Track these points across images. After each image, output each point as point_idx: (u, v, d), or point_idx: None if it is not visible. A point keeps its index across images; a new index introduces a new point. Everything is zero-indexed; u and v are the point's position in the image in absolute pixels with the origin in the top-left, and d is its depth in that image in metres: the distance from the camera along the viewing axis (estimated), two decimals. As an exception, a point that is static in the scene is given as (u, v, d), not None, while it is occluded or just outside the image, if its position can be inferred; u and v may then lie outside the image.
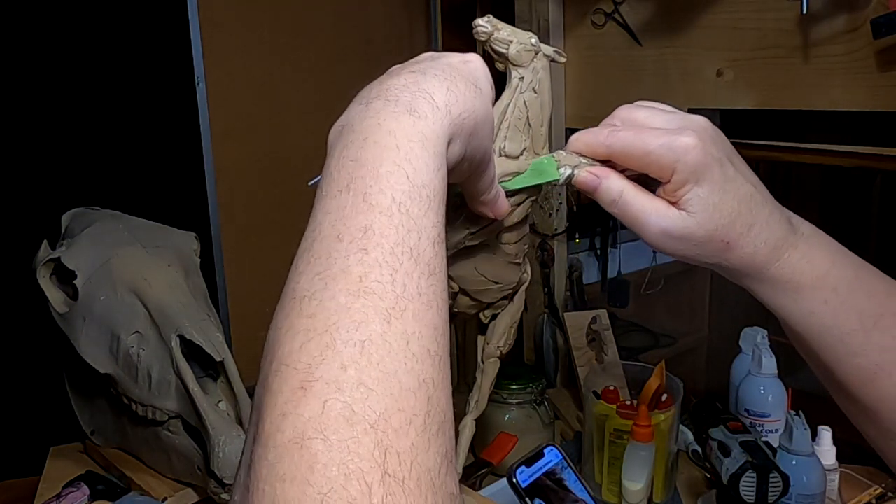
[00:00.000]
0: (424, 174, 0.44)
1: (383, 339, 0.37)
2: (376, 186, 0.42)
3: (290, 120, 1.46)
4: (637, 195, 0.58)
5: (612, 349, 1.39)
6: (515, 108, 0.68)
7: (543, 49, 0.69)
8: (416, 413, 0.36)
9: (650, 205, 0.57)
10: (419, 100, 0.46)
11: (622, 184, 0.59)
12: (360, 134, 0.45)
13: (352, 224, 0.41)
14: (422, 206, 0.43)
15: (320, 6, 1.47)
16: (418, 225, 0.42)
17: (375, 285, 0.39)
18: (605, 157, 0.60)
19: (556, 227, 1.48)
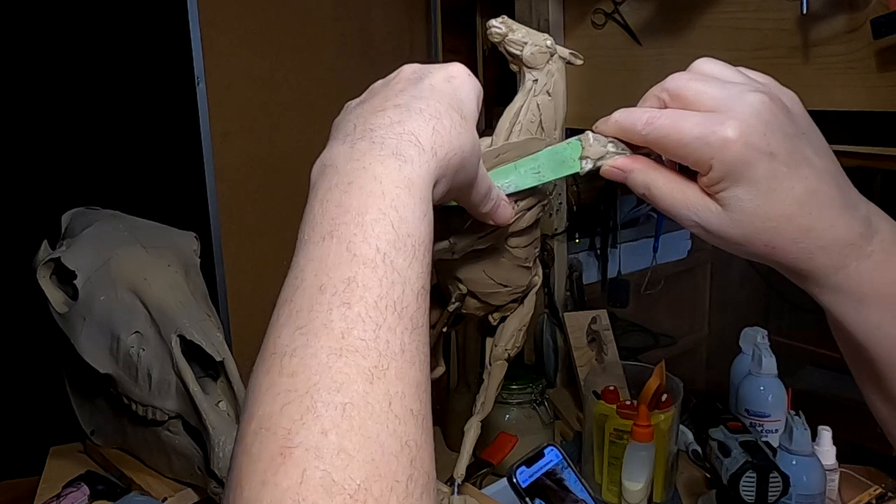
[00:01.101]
0: (410, 222, 0.42)
1: (365, 400, 0.36)
2: (360, 235, 0.41)
3: (290, 120, 1.46)
4: (667, 185, 0.52)
5: (612, 349, 1.39)
6: (528, 111, 0.68)
7: (559, 51, 0.69)
8: (397, 479, 0.35)
9: (682, 196, 0.51)
10: (405, 143, 0.45)
11: (649, 176, 0.53)
12: (344, 177, 0.44)
13: (335, 275, 0.40)
14: (406, 256, 0.41)
15: (320, 6, 1.46)
16: (402, 276, 0.41)
17: (358, 343, 0.38)
18: (640, 145, 0.55)
19: (556, 227, 1.48)
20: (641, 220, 1.88)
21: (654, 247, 1.65)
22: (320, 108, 1.48)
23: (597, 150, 0.56)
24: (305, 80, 1.47)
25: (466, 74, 0.52)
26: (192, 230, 1.11)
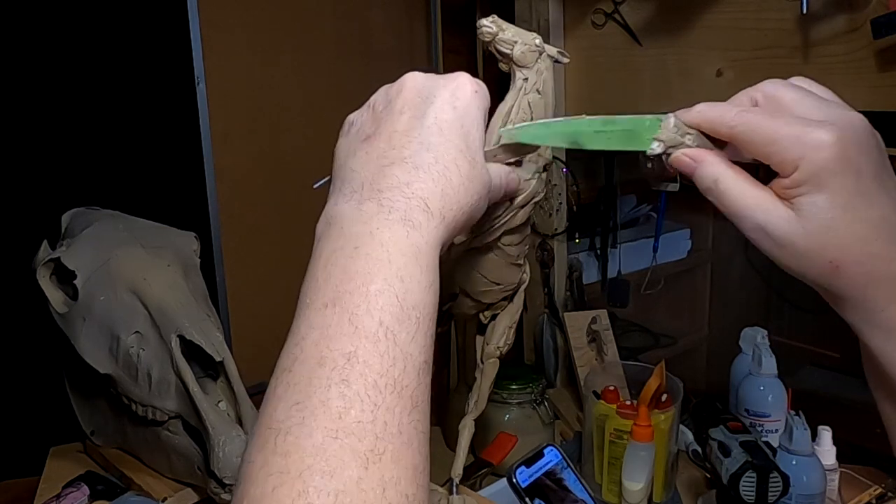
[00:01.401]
0: (416, 293, 0.41)
1: (359, 487, 0.35)
2: (364, 306, 0.40)
3: (290, 120, 1.46)
4: (737, 183, 0.49)
5: (612, 349, 1.39)
6: (519, 110, 0.68)
7: (547, 50, 0.69)
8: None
9: (752, 195, 0.48)
10: (413, 208, 0.43)
11: (720, 170, 0.50)
12: (350, 240, 0.42)
13: (335, 348, 0.39)
14: (410, 330, 0.40)
15: (320, 6, 1.46)
16: (404, 352, 0.40)
17: (355, 425, 0.37)
18: (725, 139, 0.51)
19: (556, 227, 1.48)
20: (641, 220, 1.88)
21: (654, 247, 1.65)
22: (320, 108, 1.48)
23: (673, 136, 0.52)
24: (305, 80, 1.47)
25: (472, 91, 0.50)
26: (192, 230, 1.11)
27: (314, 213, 1.61)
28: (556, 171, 1.45)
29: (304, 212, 1.48)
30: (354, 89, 1.55)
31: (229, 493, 0.88)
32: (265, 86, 1.42)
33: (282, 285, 1.49)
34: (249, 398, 0.94)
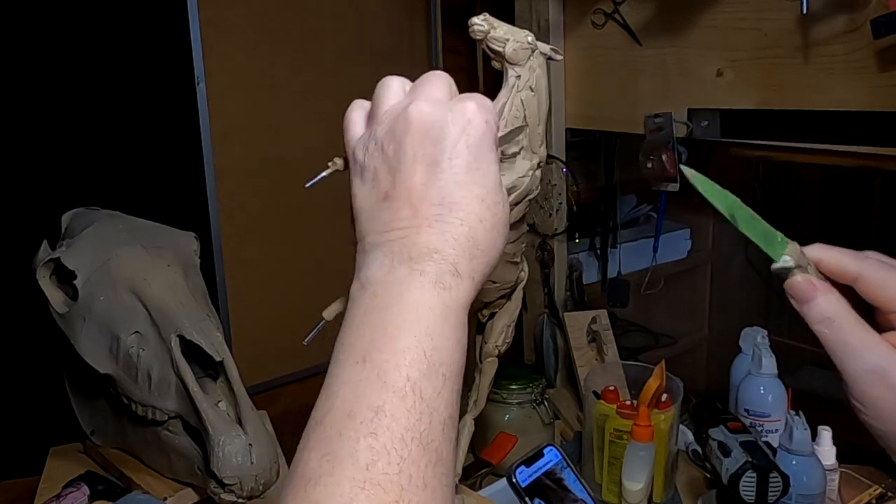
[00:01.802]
0: (443, 351, 0.43)
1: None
2: (392, 362, 0.41)
3: (290, 120, 1.46)
4: (857, 323, 0.49)
5: (612, 349, 1.39)
6: (512, 107, 0.68)
7: (540, 47, 0.69)
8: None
9: (871, 337, 0.48)
10: (444, 273, 0.45)
11: (838, 308, 0.49)
12: (381, 300, 0.44)
13: (364, 402, 0.40)
14: (436, 386, 0.42)
15: (320, 6, 1.47)
16: (430, 407, 0.41)
17: (381, 476, 0.38)
18: (848, 281, 0.51)
19: (556, 227, 1.48)
20: (641, 220, 1.88)
21: (654, 247, 1.65)
22: (320, 108, 1.48)
23: (801, 258, 0.53)
24: (305, 80, 1.47)
25: (483, 123, 0.48)
26: (192, 230, 1.11)
27: (314, 213, 1.61)
28: (557, 171, 1.45)
29: (304, 212, 1.49)
30: (354, 89, 1.55)
31: (229, 493, 0.88)
32: (265, 86, 1.42)
33: (282, 285, 1.49)
34: (249, 398, 0.94)
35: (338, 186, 1.71)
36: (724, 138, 1.17)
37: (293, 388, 1.55)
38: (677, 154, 1.22)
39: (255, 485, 0.88)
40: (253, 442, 0.88)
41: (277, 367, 1.51)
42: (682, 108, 1.21)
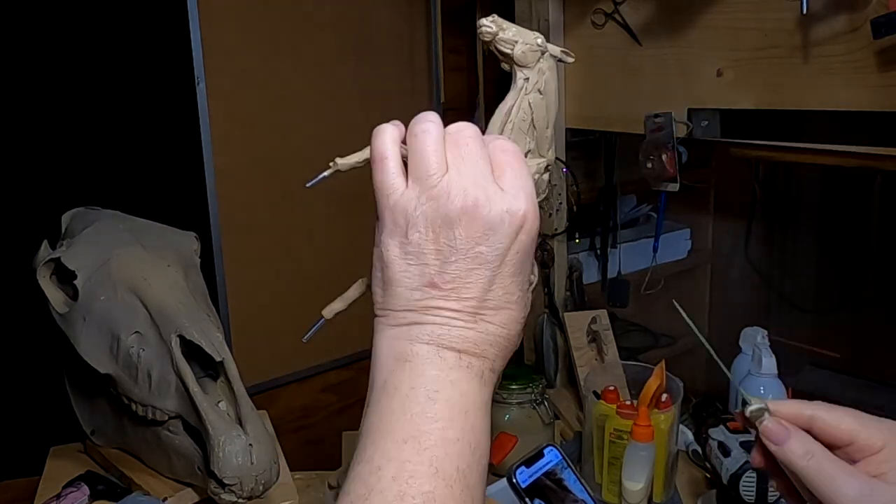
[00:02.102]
0: (483, 442, 0.46)
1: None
2: (443, 450, 0.44)
3: (290, 120, 1.46)
4: (832, 459, 0.53)
5: (612, 349, 1.39)
6: (520, 110, 0.67)
7: (550, 49, 0.69)
8: None
9: (845, 465, 0.52)
10: (486, 370, 0.48)
11: (813, 447, 0.53)
12: (430, 383, 0.46)
13: (415, 485, 0.42)
14: (477, 472, 0.45)
15: (320, 6, 1.46)
16: (472, 493, 0.44)
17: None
18: (804, 424, 0.55)
19: (556, 227, 1.48)
20: (641, 220, 1.88)
21: (654, 247, 1.65)
22: (320, 108, 1.48)
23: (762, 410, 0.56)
24: (305, 80, 1.47)
25: (535, 226, 0.48)
26: (192, 230, 1.11)
27: (314, 213, 1.61)
28: (557, 171, 1.45)
29: (305, 212, 1.49)
30: (354, 89, 1.56)
31: (229, 494, 0.88)
32: (265, 86, 1.42)
33: (282, 285, 1.49)
34: (249, 398, 0.94)
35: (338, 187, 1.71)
36: (724, 138, 1.17)
37: (293, 388, 1.55)
38: (677, 154, 1.22)
39: (255, 485, 0.88)
40: (253, 442, 0.88)
41: (277, 367, 1.51)
42: (682, 108, 1.21)
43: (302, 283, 1.48)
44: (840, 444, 0.54)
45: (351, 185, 1.65)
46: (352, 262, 0.66)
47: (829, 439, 0.54)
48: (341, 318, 0.66)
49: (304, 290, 1.48)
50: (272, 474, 0.90)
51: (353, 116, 1.52)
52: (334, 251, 1.52)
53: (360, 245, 1.75)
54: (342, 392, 1.62)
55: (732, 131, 1.16)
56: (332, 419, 1.61)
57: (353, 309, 0.65)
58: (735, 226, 1.85)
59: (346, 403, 1.64)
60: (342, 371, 1.62)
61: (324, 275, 1.48)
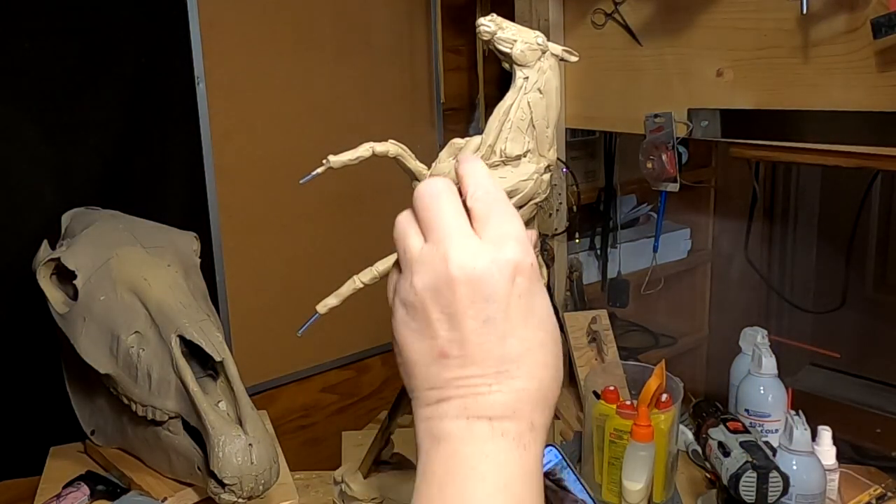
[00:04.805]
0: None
1: None
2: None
3: (290, 120, 1.46)
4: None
5: (612, 349, 1.39)
6: (518, 109, 0.67)
7: (551, 48, 0.68)
8: None
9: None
10: (524, 431, 0.45)
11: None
12: (465, 461, 0.44)
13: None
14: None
15: (320, 6, 1.46)
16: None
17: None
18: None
19: (556, 227, 1.48)
20: (641, 220, 1.88)
21: (654, 247, 1.65)
22: (320, 108, 1.48)
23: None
24: (305, 80, 1.47)
25: (529, 267, 0.46)
26: (192, 230, 1.11)
27: (314, 213, 1.61)
28: (556, 171, 1.45)
29: (305, 212, 1.49)
30: (354, 89, 1.56)
31: (229, 493, 0.88)
32: (265, 86, 1.42)
33: (282, 285, 1.49)
34: (249, 398, 0.94)
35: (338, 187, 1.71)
36: (724, 138, 1.17)
37: (293, 388, 1.55)
38: (677, 154, 1.22)
39: (255, 485, 0.88)
40: (253, 442, 0.88)
41: (277, 367, 1.51)
42: (682, 108, 1.21)
43: (302, 283, 1.48)
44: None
45: (351, 185, 1.65)
46: (352, 262, 0.65)
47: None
48: (341, 318, 0.66)
49: (304, 290, 1.47)
50: (272, 474, 0.90)
51: (353, 116, 1.52)
52: (334, 251, 1.52)
53: (360, 245, 1.76)
54: (342, 392, 1.62)
55: (732, 131, 1.16)
56: (332, 419, 1.61)
57: (352, 311, 0.65)
58: (735, 226, 1.85)
59: (346, 403, 1.64)
60: (342, 371, 1.61)
61: (323, 275, 1.48)
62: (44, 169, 1.20)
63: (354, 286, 0.65)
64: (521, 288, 0.45)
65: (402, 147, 0.66)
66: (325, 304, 0.65)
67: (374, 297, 0.61)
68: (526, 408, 0.45)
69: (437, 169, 0.68)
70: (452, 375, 0.45)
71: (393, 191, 1.50)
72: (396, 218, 0.49)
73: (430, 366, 0.46)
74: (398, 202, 0.53)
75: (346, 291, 0.65)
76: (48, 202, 1.18)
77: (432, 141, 1.66)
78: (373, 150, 0.64)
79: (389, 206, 0.50)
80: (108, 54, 1.24)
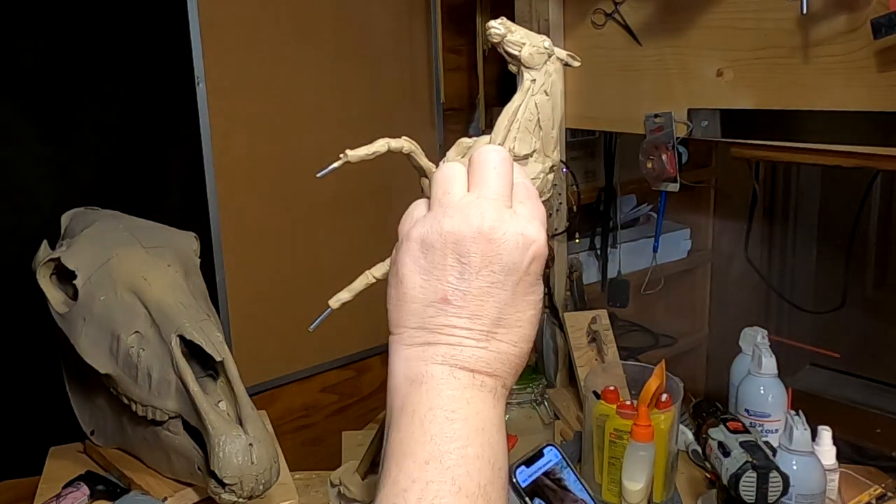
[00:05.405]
0: (500, 456, 0.47)
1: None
2: (464, 468, 0.45)
3: (290, 119, 1.46)
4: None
5: (612, 349, 1.39)
6: (526, 110, 0.68)
7: (556, 52, 0.70)
8: None
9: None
10: (498, 387, 0.48)
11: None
12: (447, 403, 0.46)
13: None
14: (498, 487, 0.46)
15: (320, 6, 1.46)
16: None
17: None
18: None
19: (556, 227, 1.48)
20: (641, 220, 1.88)
21: (654, 247, 1.65)
22: (320, 108, 1.48)
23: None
24: (305, 80, 1.47)
25: (545, 254, 0.50)
26: (192, 230, 1.11)
27: (314, 212, 1.60)
28: (557, 171, 1.45)
29: (305, 212, 1.49)
30: (354, 88, 1.56)
31: (229, 493, 0.88)
32: (265, 85, 1.42)
33: (282, 285, 1.49)
34: (249, 398, 0.94)
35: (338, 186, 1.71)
36: (724, 138, 1.17)
37: (293, 388, 1.55)
38: (677, 154, 1.22)
39: (255, 485, 0.88)
40: (253, 442, 0.88)
41: (277, 367, 1.51)
42: (682, 108, 1.21)
43: (302, 283, 1.48)
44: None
45: (352, 184, 1.65)
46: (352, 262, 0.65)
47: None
48: (341, 318, 0.66)
49: (305, 289, 1.48)
50: (272, 474, 0.90)
51: (353, 116, 1.52)
52: (334, 251, 1.52)
53: (361, 245, 1.76)
54: (342, 392, 1.62)
55: (732, 131, 1.16)
56: (332, 419, 1.61)
57: (352, 311, 0.65)
58: (735, 226, 1.85)
59: (346, 403, 1.64)
60: (342, 371, 1.61)
61: (324, 275, 1.48)
62: (44, 169, 1.20)
63: (367, 281, 0.65)
64: (534, 271, 0.49)
65: (415, 144, 0.67)
66: (337, 298, 0.66)
67: (374, 298, 0.61)
68: (504, 368, 0.49)
69: None
70: (446, 322, 0.48)
71: (393, 192, 1.50)
72: (446, 163, 0.52)
73: (427, 306, 0.48)
74: (398, 203, 0.54)
75: (359, 286, 0.66)
76: (48, 202, 1.18)
77: (432, 141, 1.66)
78: (388, 146, 0.65)
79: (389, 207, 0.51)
80: (108, 54, 1.24)
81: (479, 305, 0.48)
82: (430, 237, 0.48)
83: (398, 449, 0.46)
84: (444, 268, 0.48)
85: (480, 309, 0.48)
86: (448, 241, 0.48)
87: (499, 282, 0.48)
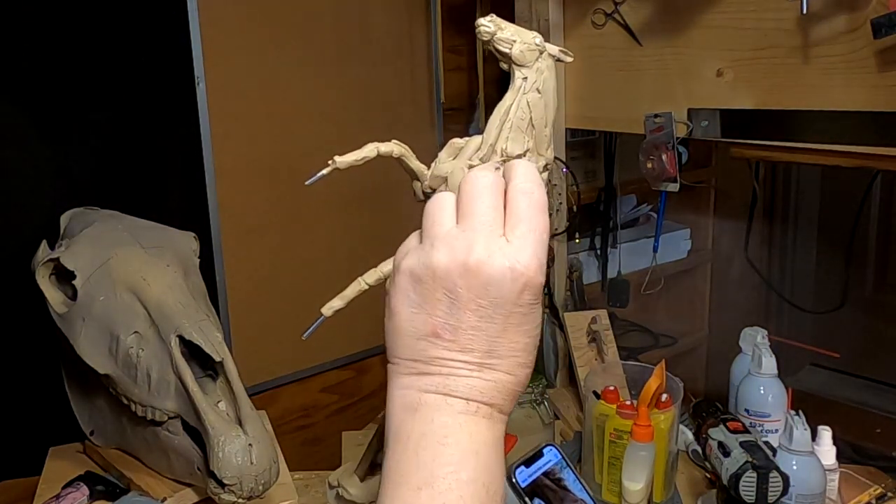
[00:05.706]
0: (497, 481, 0.47)
1: None
2: (456, 494, 0.44)
3: (290, 120, 1.46)
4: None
5: (612, 349, 1.39)
6: (518, 109, 0.68)
7: (548, 48, 0.69)
8: None
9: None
10: (494, 414, 0.48)
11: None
12: (439, 429, 0.46)
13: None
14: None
15: (320, 6, 1.46)
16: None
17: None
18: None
19: (556, 227, 1.48)
20: (641, 220, 1.88)
21: (654, 247, 1.65)
22: (320, 108, 1.48)
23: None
24: (305, 80, 1.46)
25: (539, 283, 0.48)
26: (192, 230, 1.11)
27: (314, 212, 1.60)
28: (557, 171, 1.45)
29: (305, 212, 1.49)
30: (354, 88, 1.56)
31: (229, 494, 0.88)
32: (265, 86, 1.42)
33: (282, 285, 1.49)
34: (249, 398, 0.94)
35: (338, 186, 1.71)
36: (724, 138, 1.17)
37: (293, 388, 1.55)
38: (677, 154, 1.22)
39: (254, 485, 0.88)
40: (253, 442, 0.88)
41: (277, 367, 1.51)
42: (682, 108, 1.21)
43: (302, 284, 1.48)
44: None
45: (351, 185, 1.65)
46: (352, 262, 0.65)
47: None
48: (341, 319, 0.66)
49: (304, 290, 1.48)
50: (272, 474, 0.90)
51: (353, 116, 1.52)
52: (334, 251, 1.52)
53: (360, 245, 1.76)
54: (342, 392, 1.62)
55: (732, 131, 1.16)
56: (332, 419, 1.61)
57: (352, 311, 0.65)
58: (735, 226, 1.85)
59: (346, 403, 1.64)
60: (342, 371, 1.61)
61: (324, 275, 1.48)
62: (43, 169, 1.20)
63: (360, 288, 0.65)
64: (526, 302, 0.47)
65: (405, 147, 0.66)
66: (330, 306, 0.65)
67: (374, 298, 0.61)
68: (500, 396, 0.48)
69: (438, 169, 0.68)
70: (438, 355, 0.47)
71: (392, 192, 1.50)
72: (438, 193, 0.51)
73: (419, 339, 0.48)
74: (398, 203, 0.53)
75: (352, 293, 0.65)
76: (48, 202, 1.18)
77: (432, 141, 1.66)
78: (377, 151, 0.64)
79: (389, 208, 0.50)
80: (108, 54, 1.24)
81: (470, 339, 0.47)
82: (419, 270, 0.48)
83: (391, 476, 0.46)
84: (434, 302, 0.47)
85: (471, 342, 0.47)
86: (436, 275, 0.47)
87: (488, 315, 0.46)
